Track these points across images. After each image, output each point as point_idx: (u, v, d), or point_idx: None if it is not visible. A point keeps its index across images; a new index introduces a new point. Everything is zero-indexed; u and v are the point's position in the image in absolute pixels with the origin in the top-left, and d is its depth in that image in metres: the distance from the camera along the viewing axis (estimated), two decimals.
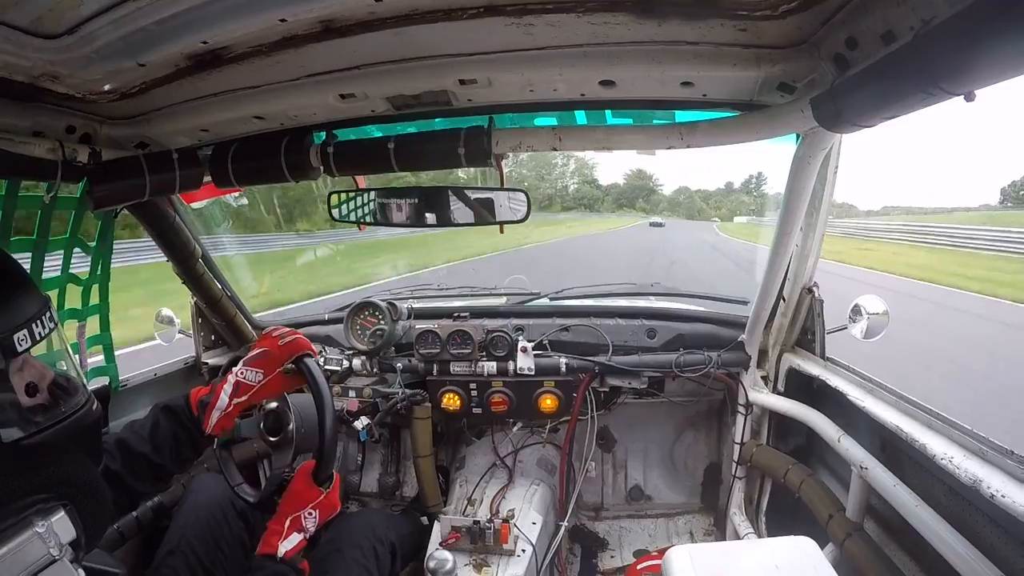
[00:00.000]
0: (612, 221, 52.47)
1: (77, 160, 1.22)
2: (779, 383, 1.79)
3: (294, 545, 1.04)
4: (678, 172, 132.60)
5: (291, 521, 1.06)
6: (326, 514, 1.10)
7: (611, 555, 2.08)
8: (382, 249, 16.83)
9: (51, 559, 0.66)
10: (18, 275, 0.78)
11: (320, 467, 1.11)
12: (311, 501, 1.08)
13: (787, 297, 1.65)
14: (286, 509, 1.07)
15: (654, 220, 48.58)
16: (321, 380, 1.17)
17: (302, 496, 1.08)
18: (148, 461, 1.08)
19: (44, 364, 0.77)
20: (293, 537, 1.05)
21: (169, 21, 0.87)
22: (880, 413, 1.27)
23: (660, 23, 0.90)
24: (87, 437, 0.80)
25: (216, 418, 1.11)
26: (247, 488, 1.22)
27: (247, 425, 1.23)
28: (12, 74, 0.95)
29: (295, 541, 1.05)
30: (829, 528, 1.36)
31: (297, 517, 1.06)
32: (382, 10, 0.88)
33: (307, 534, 1.07)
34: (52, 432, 0.74)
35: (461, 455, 2.08)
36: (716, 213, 75.30)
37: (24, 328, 0.72)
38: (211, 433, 1.12)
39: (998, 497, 0.91)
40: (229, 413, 1.12)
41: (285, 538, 1.04)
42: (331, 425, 1.14)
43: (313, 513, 1.08)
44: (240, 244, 6.00)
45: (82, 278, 1.54)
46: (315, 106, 1.21)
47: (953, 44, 0.63)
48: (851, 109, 0.86)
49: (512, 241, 18.79)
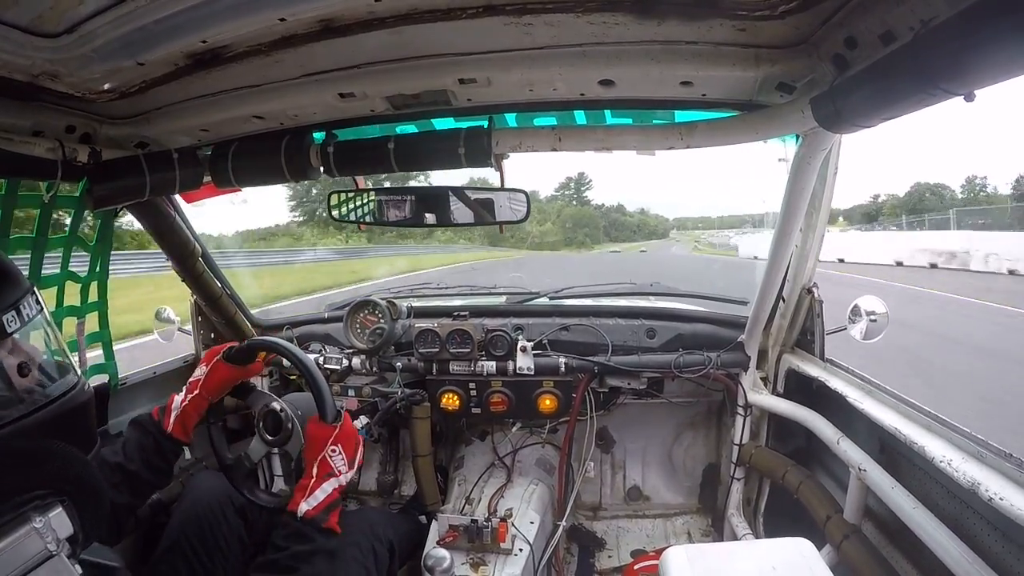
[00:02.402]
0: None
1: (77, 160, 1.23)
2: (778, 384, 1.79)
3: (320, 501, 1.03)
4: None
5: (318, 467, 1.05)
6: (350, 446, 1.09)
7: (608, 555, 2.08)
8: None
9: (48, 554, 0.67)
10: (0, 262, 0.78)
11: (322, 407, 1.11)
12: (327, 438, 1.08)
13: (787, 298, 1.65)
14: (309, 456, 1.08)
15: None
16: (279, 340, 1.22)
17: (318, 437, 1.08)
18: (123, 470, 1.09)
19: (33, 347, 0.77)
20: (323, 489, 1.04)
21: (168, 20, 0.87)
22: (879, 415, 1.27)
23: (659, 23, 0.90)
24: (80, 417, 0.80)
25: (174, 417, 1.15)
26: (260, 494, 1.24)
27: (254, 449, 1.25)
28: (12, 73, 0.95)
29: (325, 492, 1.04)
30: (827, 530, 1.36)
31: (323, 460, 1.06)
32: (381, 9, 0.88)
33: (341, 478, 1.06)
34: (46, 411, 0.74)
35: (460, 454, 2.08)
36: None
37: (12, 310, 0.73)
38: (172, 433, 1.14)
39: (996, 500, 0.91)
40: (186, 410, 1.16)
41: (310, 494, 1.03)
42: (310, 366, 1.16)
43: (336, 448, 1.07)
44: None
45: (81, 276, 1.54)
46: (315, 105, 1.21)
47: (952, 45, 0.63)
48: (850, 109, 0.86)
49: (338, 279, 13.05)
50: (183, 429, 1.16)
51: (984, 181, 42.64)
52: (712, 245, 43.79)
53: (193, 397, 1.17)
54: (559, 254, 34.36)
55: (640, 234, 66.17)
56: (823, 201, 1.44)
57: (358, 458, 1.11)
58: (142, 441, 1.13)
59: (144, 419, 1.17)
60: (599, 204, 68.06)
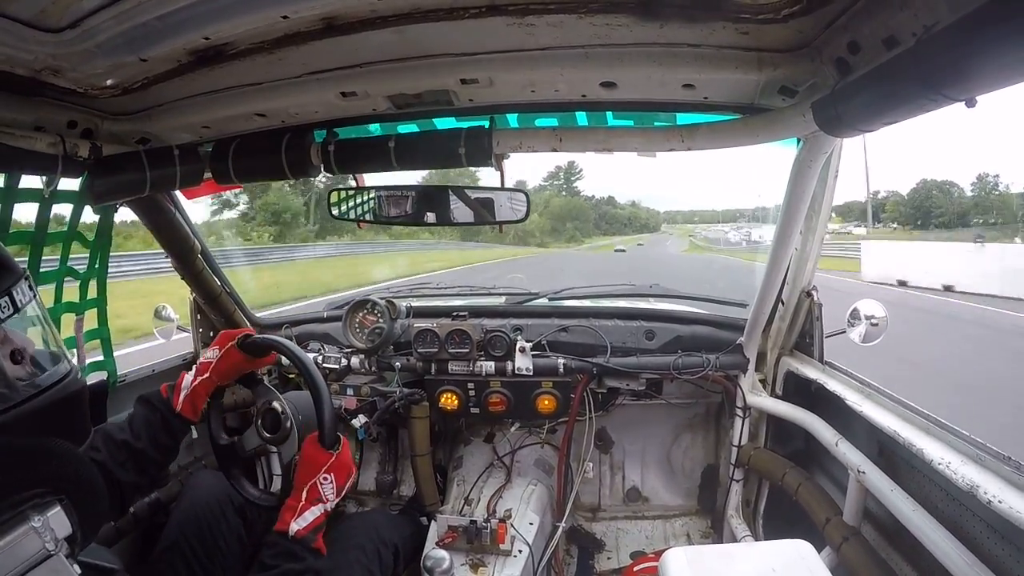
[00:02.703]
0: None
1: (78, 155, 1.22)
2: (777, 386, 1.80)
3: (308, 522, 1.02)
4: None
5: (307, 492, 1.03)
6: (342, 476, 1.07)
7: (608, 556, 2.08)
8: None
9: (47, 554, 0.66)
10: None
11: (323, 430, 1.09)
12: (323, 464, 1.05)
13: (786, 300, 1.65)
14: (300, 479, 1.05)
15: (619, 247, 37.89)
16: (295, 348, 1.19)
17: (313, 461, 1.06)
18: (128, 447, 1.07)
19: (24, 335, 0.76)
20: (311, 511, 1.02)
21: (171, 16, 0.87)
22: (878, 417, 1.27)
23: (662, 25, 0.90)
24: (73, 407, 0.79)
25: (183, 396, 1.14)
26: (248, 486, 1.23)
27: (248, 437, 1.24)
28: (14, 67, 0.95)
29: (313, 515, 1.02)
30: (826, 532, 1.36)
31: (313, 485, 1.04)
32: (384, 8, 0.88)
33: (327, 504, 1.04)
34: (39, 400, 0.72)
35: (459, 455, 2.08)
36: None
37: (4, 296, 0.71)
38: (181, 411, 1.13)
39: (995, 503, 0.91)
40: (196, 390, 1.14)
41: (300, 514, 1.01)
42: (321, 385, 1.12)
43: (328, 477, 1.05)
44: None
45: (81, 272, 1.54)
46: (316, 104, 1.21)
47: (955, 50, 0.63)
48: (852, 113, 0.87)
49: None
50: (192, 408, 1.14)
51: (996, 179, 40.44)
52: (708, 240, 42.76)
53: (204, 379, 1.15)
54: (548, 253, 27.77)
55: (631, 227, 63.00)
56: (823, 204, 1.45)
57: (347, 487, 1.09)
58: (149, 417, 1.11)
59: (152, 395, 1.15)
60: (589, 195, 65.18)
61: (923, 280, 13.53)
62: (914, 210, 34.60)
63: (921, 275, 13.70)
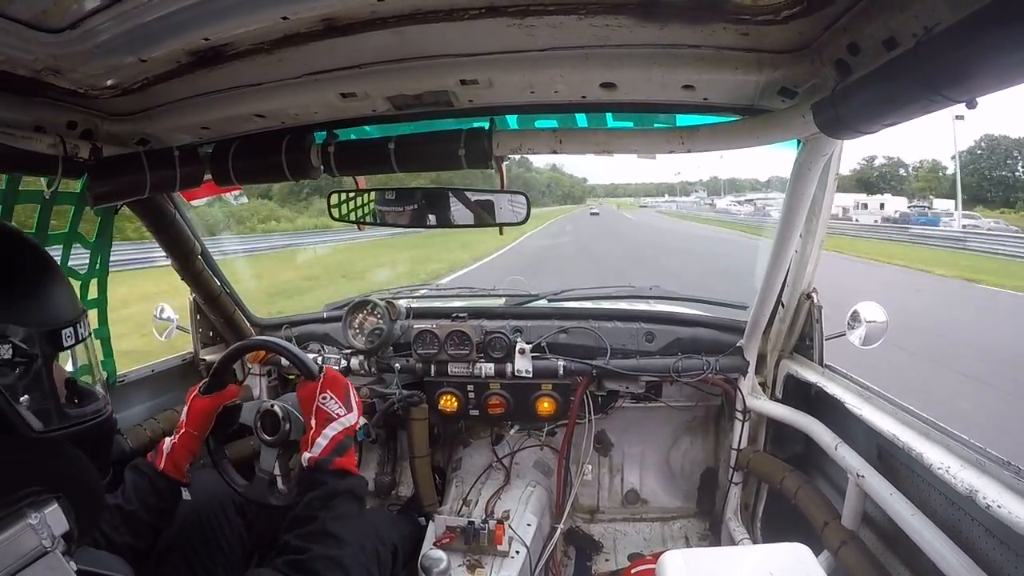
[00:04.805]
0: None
1: (78, 156, 1.23)
2: (777, 389, 1.79)
3: (323, 447, 1.05)
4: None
5: (316, 417, 1.09)
6: (338, 388, 1.13)
7: (605, 558, 2.08)
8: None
9: (43, 550, 0.66)
10: (62, 278, 0.81)
11: (303, 370, 1.16)
12: (314, 390, 1.12)
13: (786, 303, 1.65)
14: (306, 413, 1.12)
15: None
16: (259, 337, 1.30)
17: (307, 394, 1.13)
18: (121, 511, 1.11)
19: (73, 367, 0.81)
20: (324, 435, 1.06)
21: (171, 17, 0.87)
22: (877, 421, 1.27)
23: (662, 26, 0.90)
24: (102, 442, 0.82)
25: (164, 456, 1.19)
26: (237, 477, 1.27)
27: (247, 411, 1.29)
28: (14, 68, 0.95)
29: (327, 438, 1.06)
30: (824, 535, 1.36)
31: (317, 408, 1.10)
32: (384, 9, 0.88)
33: (343, 419, 1.09)
34: (79, 430, 0.75)
35: (458, 456, 2.08)
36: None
37: (71, 326, 0.75)
38: (164, 471, 1.17)
39: (994, 508, 0.91)
40: (176, 449, 1.19)
41: (312, 443, 1.06)
42: (279, 340, 1.28)
43: (326, 395, 1.11)
44: None
45: (81, 273, 1.54)
46: (316, 105, 1.21)
47: (955, 51, 0.63)
48: (852, 115, 0.86)
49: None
50: (175, 467, 1.18)
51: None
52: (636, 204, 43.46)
53: (181, 435, 1.20)
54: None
55: (551, 197, 57.22)
56: (823, 207, 1.44)
57: (354, 398, 1.14)
58: (138, 482, 1.16)
59: (139, 462, 1.21)
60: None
61: None
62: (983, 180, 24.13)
63: None
